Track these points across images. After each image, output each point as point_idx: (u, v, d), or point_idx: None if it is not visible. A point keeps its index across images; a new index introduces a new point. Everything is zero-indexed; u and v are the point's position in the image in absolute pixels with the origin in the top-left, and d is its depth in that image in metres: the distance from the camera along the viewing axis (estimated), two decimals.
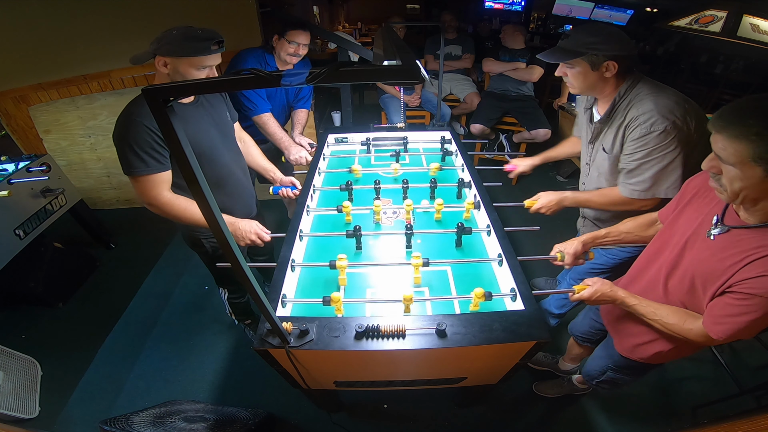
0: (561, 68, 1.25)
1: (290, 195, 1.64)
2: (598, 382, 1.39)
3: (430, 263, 1.16)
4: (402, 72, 0.50)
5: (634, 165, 1.19)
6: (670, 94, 1.15)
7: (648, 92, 1.16)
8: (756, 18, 2.16)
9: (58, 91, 2.61)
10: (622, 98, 1.20)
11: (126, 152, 1.17)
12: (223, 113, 1.45)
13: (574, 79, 1.23)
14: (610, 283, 1.05)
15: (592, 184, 1.44)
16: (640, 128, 1.14)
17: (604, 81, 1.20)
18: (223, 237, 0.64)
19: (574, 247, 1.20)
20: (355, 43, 2.29)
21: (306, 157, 1.93)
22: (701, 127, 1.13)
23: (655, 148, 1.13)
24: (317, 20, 5.74)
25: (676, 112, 1.11)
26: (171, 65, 1.17)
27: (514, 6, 5.82)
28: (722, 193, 0.81)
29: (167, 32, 1.16)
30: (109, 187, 3.07)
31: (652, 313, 0.98)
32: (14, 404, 1.64)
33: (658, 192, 1.19)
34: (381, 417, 1.72)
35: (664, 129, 1.10)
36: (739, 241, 0.83)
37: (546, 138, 3.00)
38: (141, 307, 2.27)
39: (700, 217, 0.94)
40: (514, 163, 1.69)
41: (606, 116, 1.26)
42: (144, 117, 1.15)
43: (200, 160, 1.30)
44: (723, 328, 0.84)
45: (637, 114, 1.15)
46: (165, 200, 1.25)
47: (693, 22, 2.40)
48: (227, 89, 0.52)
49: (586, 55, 1.15)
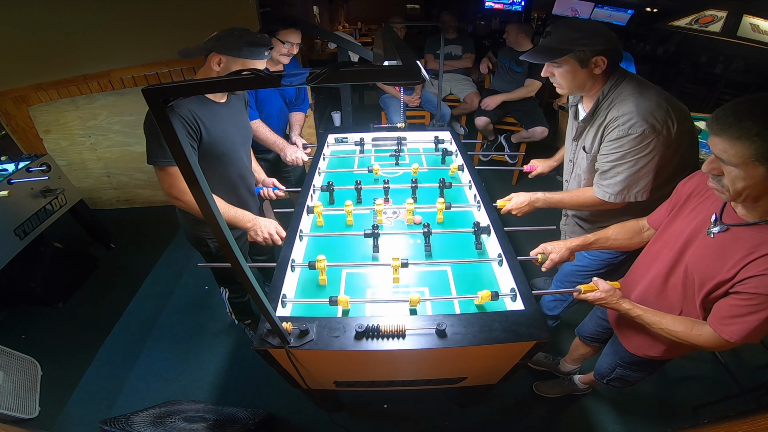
0: (547, 68, 1.21)
1: (271, 195, 1.67)
2: (609, 380, 1.39)
3: (432, 263, 1.16)
4: (402, 72, 0.50)
5: (607, 166, 1.19)
6: (653, 95, 1.12)
7: (630, 92, 1.13)
8: (756, 18, 2.16)
9: (58, 91, 2.61)
10: (605, 97, 1.18)
11: (157, 140, 1.18)
12: (245, 117, 1.49)
13: (562, 79, 1.19)
14: (619, 293, 1.06)
15: (574, 181, 1.44)
16: (617, 129, 1.12)
17: (594, 78, 1.16)
18: (223, 237, 0.64)
19: (560, 254, 1.19)
20: (355, 43, 2.28)
21: (302, 157, 1.93)
22: (684, 126, 1.12)
23: (629, 150, 1.12)
24: (317, 20, 5.73)
25: (657, 115, 1.08)
26: (225, 63, 1.22)
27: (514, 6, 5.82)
28: (723, 194, 0.81)
29: (229, 32, 1.21)
30: (109, 187, 3.07)
31: (657, 322, 0.98)
32: (14, 404, 1.64)
33: (629, 196, 1.19)
34: (381, 417, 1.72)
35: (641, 132, 1.08)
36: (738, 238, 0.83)
37: (543, 135, 3.01)
38: (141, 307, 2.27)
39: (698, 217, 0.95)
40: (533, 164, 1.70)
41: (589, 115, 1.24)
42: (177, 106, 1.17)
43: (223, 160, 1.35)
44: (735, 329, 0.83)
45: (617, 115, 1.12)
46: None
47: (693, 22, 2.40)
48: (228, 89, 0.52)
49: (573, 52, 1.11)
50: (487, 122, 3.17)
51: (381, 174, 1.74)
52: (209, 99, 1.30)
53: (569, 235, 1.62)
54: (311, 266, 1.16)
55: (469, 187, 1.63)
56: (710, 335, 0.89)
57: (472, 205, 1.54)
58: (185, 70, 2.65)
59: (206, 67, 1.25)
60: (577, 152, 1.38)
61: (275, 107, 1.99)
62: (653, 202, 1.17)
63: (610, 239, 1.21)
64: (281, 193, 1.68)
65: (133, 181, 3.05)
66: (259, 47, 1.22)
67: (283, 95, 2.03)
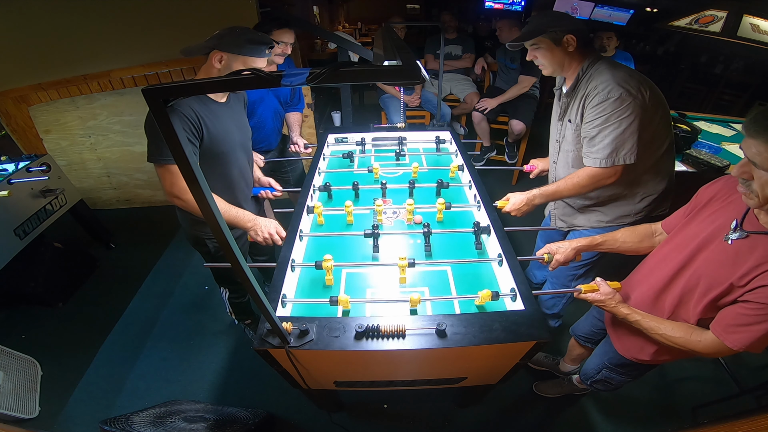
0: (530, 53, 1.35)
1: (269, 196, 1.67)
2: (593, 381, 1.40)
3: (432, 263, 1.16)
4: (402, 72, 0.50)
5: (594, 132, 1.26)
6: (626, 69, 1.26)
7: (606, 67, 1.27)
8: (756, 18, 2.16)
9: (58, 91, 2.62)
10: (585, 73, 1.30)
11: (158, 139, 1.18)
12: (244, 117, 1.50)
13: (543, 58, 1.33)
14: (618, 297, 1.06)
15: (562, 159, 1.50)
16: (598, 96, 1.23)
17: (570, 57, 1.31)
18: (223, 237, 0.64)
19: (565, 255, 1.21)
20: (355, 43, 2.28)
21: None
22: (655, 97, 1.24)
23: (612, 113, 1.21)
24: (317, 20, 5.73)
25: (631, 82, 1.21)
26: (226, 61, 1.23)
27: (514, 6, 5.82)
28: (752, 199, 0.79)
29: (230, 30, 1.22)
30: (109, 187, 3.07)
31: (655, 327, 0.98)
32: (14, 404, 1.64)
33: (618, 159, 1.25)
34: (381, 417, 1.72)
35: (619, 96, 1.19)
36: (756, 247, 0.82)
37: (520, 130, 3.04)
38: (141, 307, 2.27)
39: (717, 222, 0.93)
40: (533, 164, 1.72)
41: (571, 89, 1.35)
42: (180, 105, 1.17)
43: (223, 159, 1.35)
44: (739, 337, 0.83)
45: (597, 84, 1.25)
46: None
47: (693, 22, 2.40)
48: (228, 89, 0.52)
49: (546, 32, 1.27)
50: (482, 118, 3.18)
51: (381, 174, 1.74)
52: (210, 98, 1.30)
53: (560, 218, 1.64)
54: (318, 266, 1.16)
55: (469, 187, 1.63)
56: (711, 342, 0.89)
57: (472, 205, 1.54)
58: (185, 70, 2.66)
59: (207, 64, 1.26)
60: (563, 130, 1.45)
61: (269, 108, 1.98)
62: (645, 182, 1.34)
63: (619, 241, 1.21)
64: (278, 194, 1.68)
65: (133, 181, 3.06)
66: (260, 45, 1.23)
67: (277, 95, 2.03)
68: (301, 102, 2.21)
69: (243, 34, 1.21)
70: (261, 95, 1.94)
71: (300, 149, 2.12)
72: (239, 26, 1.24)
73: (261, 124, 1.95)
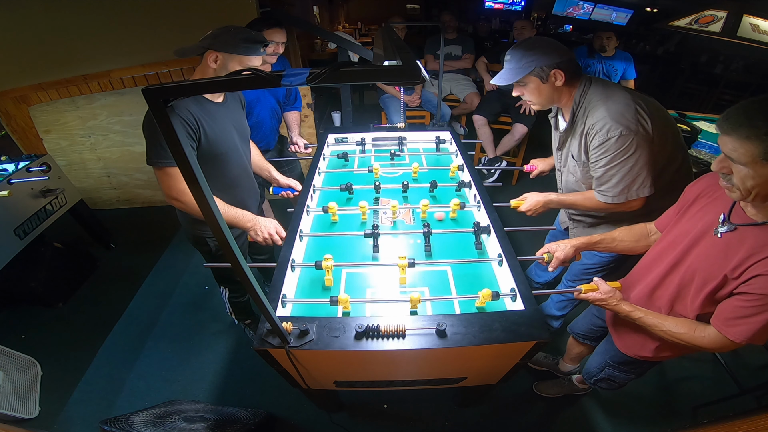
0: (516, 89, 1.28)
1: (290, 195, 1.68)
2: (596, 380, 1.39)
3: (432, 263, 1.16)
4: (402, 72, 0.50)
5: (600, 172, 1.23)
6: (620, 97, 1.18)
7: (599, 98, 1.20)
8: (756, 18, 2.16)
9: (58, 91, 2.62)
10: (578, 106, 1.25)
11: (157, 141, 1.18)
12: (242, 116, 1.49)
13: (531, 95, 1.27)
14: (619, 295, 1.06)
15: (570, 188, 1.47)
16: (597, 136, 1.18)
17: (559, 91, 1.24)
18: (223, 237, 0.64)
19: (565, 252, 1.21)
20: (355, 43, 2.28)
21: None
22: (658, 122, 1.17)
23: (616, 153, 1.17)
24: (317, 20, 5.73)
25: (627, 116, 1.14)
26: (221, 60, 1.22)
27: (514, 6, 5.82)
28: (734, 192, 0.82)
29: (224, 30, 1.21)
30: (109, 187, 3.07)
31: (659, 324, 0.99)
32: (14, 404, 1.64)
33: (631, 194, 1.22)
34: (381, 417, 1.72)
35: (619, 134, 1.14)
36: (746, 238, 0.83)
37: (522, 134, 3.03)
38: (141, 307, 2.27)
39: (705, 217, 0.95)
40: (533, 164, 1.71)
41: (569, 125, 1.30)
42: (177, 108, 1.17)
43: (222, 159, 1.34)
44: (739, 329, 0.84)
45: (593, 122, 1.19)
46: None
47: (693, 22, 2.40)
48: (227, 89, 0.52)
49: (533, 70, 1.19)
50: (483, 122, 3.17)
51: (381, 174, 1.74)
52: (206, 99, 1.30)
53: (572, 230, 1.63)
54: (318, 266, 1.16)
55: (469, 187, 1.63)
56: (714, 336, 0.89)
57: (472, 205, 1.54)
58: (185, 70, 2.65)
59: (203, 65, 1.25)
60: (564, 160, 1.42)
61: (267, 107, 1.98)
62: (659, 201, 1.21)
63: (616, 240, 1.22)
64: (297, 193, 1.67)
65: (133, 181, 3.06)
66: (255, 44, 1.23)
67: (274, 94, 2.03)
68: (298, 101, 2.21)
69: (238, 33, 1.21)
70: (258, 95, 1.94)
71: (300, 149, 2.13)
72: (233, 25, 1.24)
73: (259, 124, 1.95)
